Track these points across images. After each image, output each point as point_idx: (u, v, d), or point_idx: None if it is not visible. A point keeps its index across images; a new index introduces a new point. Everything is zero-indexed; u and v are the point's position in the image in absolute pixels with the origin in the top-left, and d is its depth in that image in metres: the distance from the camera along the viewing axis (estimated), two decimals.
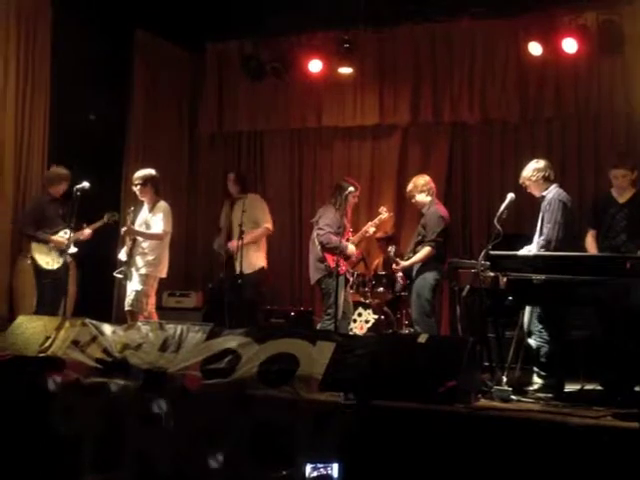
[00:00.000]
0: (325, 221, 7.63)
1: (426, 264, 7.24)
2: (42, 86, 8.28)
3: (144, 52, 9.56)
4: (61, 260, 7.44)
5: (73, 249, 7.45)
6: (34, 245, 7.56)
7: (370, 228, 7.92)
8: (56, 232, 7.56)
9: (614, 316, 5.45)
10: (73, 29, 8.21)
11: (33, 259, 7.54)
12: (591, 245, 6.33)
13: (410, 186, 7.52)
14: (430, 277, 7.22)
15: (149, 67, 9.68)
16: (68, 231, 7.42)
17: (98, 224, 7.67)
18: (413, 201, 7.53)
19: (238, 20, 9.20)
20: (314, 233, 7.75)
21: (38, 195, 7.98)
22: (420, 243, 7.31)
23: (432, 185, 7.50)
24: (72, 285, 7.55)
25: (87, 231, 7.62)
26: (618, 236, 6.14)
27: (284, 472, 4.43)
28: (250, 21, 9.10)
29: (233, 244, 7.94)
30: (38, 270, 7.53)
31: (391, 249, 7.63)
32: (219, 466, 4.84)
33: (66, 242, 7.33)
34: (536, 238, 6.21)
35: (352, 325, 8.23)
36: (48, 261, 7.51)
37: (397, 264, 7.46)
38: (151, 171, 7.55)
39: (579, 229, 6.53)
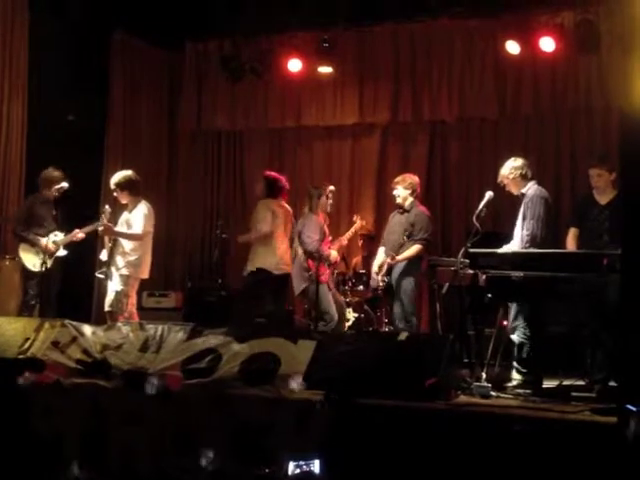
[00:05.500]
0: (310, 228, 7.71)
1: (412, 262, 7.35)
2: (19, 86, 8.19)
3: (123, 51, 9.52)
4: (49, 262, 7.37)
5: (62, 252, 7.48)
6: (22, 246, 7.48)
7: (344, 241, 8.38)
8: (48, 232, 7.50)
9: (591, 312, 5.50)
10: (51, 28, 8.16)
11: (20, 260, 7.49)
12: (571, 243, 6.35)
13: (399, 178, 7.61)
14: (415, 275, 7.37)
15: (128, 67, 9.63)
16: (59, 233, 7.44)
17: (91, 227, 7.49)
18: (394, 192, 7.58)
19: (217, 19, 9.19)
20: (295, 242, 7.81)
21: (32, 195, 7.86)
22: (408, 239, 7.39)
23: (418, 188, 7.59)
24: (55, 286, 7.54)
25: (80, 235, 7.54)
26: (600, 238, 6.09)
27: (266, 470, 4.43)
28: (229, 20, 9.07)
29: None
30: (24, 271, 7.49)
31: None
32: (201, 466, 4.84)
33: (54, 248, 7.35)
34: (516, 236, 6.25)
35: None
36: (35, 263, 7.42)
37: (393, 258, 7.51)
38: (127, 173, 7.46)
39: (556, 227, 6.57)
